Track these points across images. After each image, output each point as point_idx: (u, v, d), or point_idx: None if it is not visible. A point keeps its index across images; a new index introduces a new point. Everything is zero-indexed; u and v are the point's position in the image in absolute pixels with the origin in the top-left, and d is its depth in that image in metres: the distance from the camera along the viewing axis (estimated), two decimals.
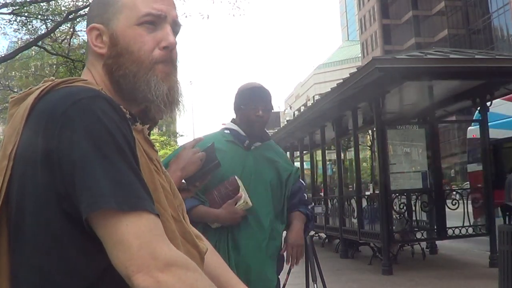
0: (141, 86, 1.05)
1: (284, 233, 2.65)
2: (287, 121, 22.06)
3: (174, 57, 1.09)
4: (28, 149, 0.92)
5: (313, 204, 3.16)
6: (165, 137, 43.43)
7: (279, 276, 2.63)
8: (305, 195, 2.72)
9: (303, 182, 2.83)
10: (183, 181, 1.83)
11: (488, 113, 8.65)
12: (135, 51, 1.05)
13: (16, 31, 16.61)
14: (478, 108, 8.86)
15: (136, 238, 0.85)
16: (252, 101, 2.48)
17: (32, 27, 16.07)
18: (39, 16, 14.86)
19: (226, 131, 2.57)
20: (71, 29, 17.18)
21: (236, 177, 2.42)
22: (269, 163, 2.59)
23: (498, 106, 10.40)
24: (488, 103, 8.60)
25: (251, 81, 2.68)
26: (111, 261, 0.86)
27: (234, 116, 2.65)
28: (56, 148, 0.88)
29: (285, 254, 2.63)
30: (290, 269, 2.94)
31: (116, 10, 1.07)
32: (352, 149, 10.15)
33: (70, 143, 0.87)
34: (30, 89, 1.01)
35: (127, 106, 1.06)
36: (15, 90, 19.88)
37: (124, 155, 0.89)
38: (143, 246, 0.84)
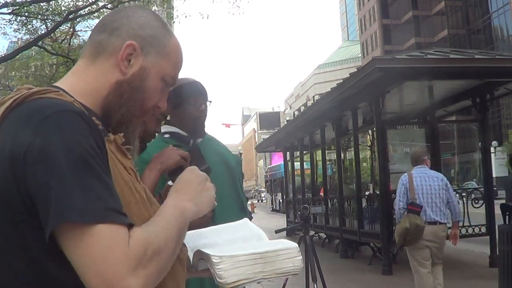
0: (128, 126, 1.09)
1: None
2: (287, 121, 22.06)
3: None
4: None
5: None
6: None
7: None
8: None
9: None
10: (170, 182, 1.83)
11: None
12: (147, 101, 1.09)
13: (16, 31, 16.65)
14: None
15: (100, 251, 0.84)
16: (193, 96, 2.35)
17: (32, 27, 16.10)
18: (39, 16, 14.85)
19: (166, 136, 2.38)
20: (71, 29, 17.19)
21: None
22: (216, 156, 2.48)
23: None
24: None
25: (183, 77, 2.42)
26: (79, 276, 0.85)
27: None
28: (23, 163, 0.87)
29: None
30: None
31: (160, 52, 1.09)
32: (352, 149, 10.15)
33: (39, 158, 0.86)
34: (3, 98, 1.00)
35: (102, 115, 1.06)
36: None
37: (92, 168, 0.88)
38: (108, 259, 0.83)
